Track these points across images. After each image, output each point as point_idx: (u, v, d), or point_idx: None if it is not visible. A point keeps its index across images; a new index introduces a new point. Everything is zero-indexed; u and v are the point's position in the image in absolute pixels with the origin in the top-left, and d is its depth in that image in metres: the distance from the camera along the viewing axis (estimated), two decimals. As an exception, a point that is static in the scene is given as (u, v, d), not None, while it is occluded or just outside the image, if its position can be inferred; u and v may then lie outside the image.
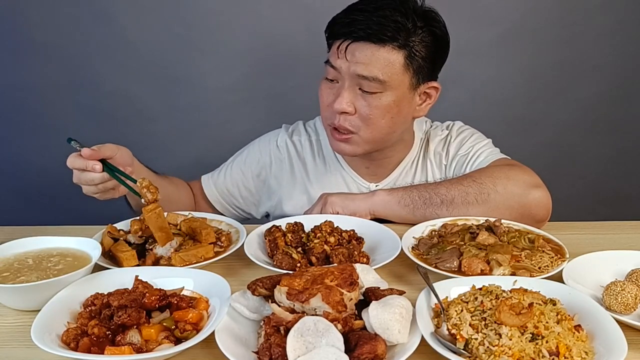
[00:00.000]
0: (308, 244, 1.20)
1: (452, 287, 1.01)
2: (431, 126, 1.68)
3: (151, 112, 2.63)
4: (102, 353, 0.83)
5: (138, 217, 1.30)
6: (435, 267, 1.12)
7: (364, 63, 1.34)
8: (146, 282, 1.01)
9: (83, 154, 1.19)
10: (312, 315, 0.85)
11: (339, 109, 1.39)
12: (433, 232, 1.32)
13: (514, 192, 1.37)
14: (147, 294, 0.93)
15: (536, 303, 0.90)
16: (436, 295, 0.97)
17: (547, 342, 0.83)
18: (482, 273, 1.09)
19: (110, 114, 2.61)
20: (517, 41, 2.60)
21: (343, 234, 1.24)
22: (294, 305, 0.88)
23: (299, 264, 1.13)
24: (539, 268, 1.11)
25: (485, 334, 0.85)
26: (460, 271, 1.11)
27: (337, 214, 1.40)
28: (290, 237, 1.22)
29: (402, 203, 1.41)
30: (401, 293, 0.94)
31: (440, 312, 0.93)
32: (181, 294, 0.99)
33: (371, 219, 1.41)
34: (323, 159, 1.64)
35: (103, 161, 1.22)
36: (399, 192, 1.43)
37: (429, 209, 1.39)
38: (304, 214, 1.48)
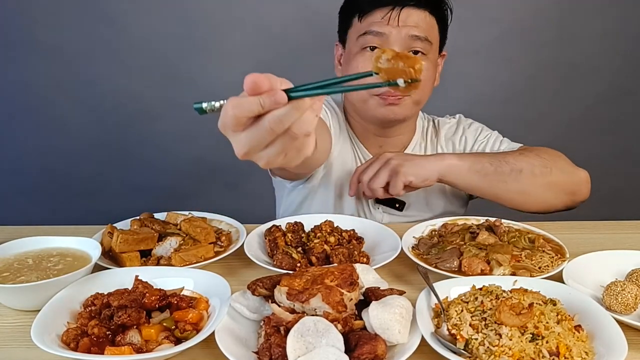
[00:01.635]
0: (308, 243, 1.20)
1: (452, 287, 1.01)
2: (432, 119, 1.72)
3: (153, 110, 2.63)
4: (102, 353, 0.83)
5: (138, 217, 1.30)
6: (436, 267, 1.12)
7: (415, 26, 1.42)
8: (146, 282, 1.01)
9: (250, 84, 0.66)
10: (312, 315, 0.85)
11: None
12: (433, 232, 1.32)
13: (567, 169, 1.45)
14: (147, 294, 0.93)
15: (536, 303, 0.90)
16: (436, 295, 0.97)
17: (547, 342, 0.83)
18: (482, 273, 1.09)
19: (112, 112, 2.62)
20: (517, 41, 2.61)
21: (343, 233, 1.24)
22: (294, 306, 0.88)
23: (299, 264, 1.13)
24: (539, 268, 1.11)
25: (485, 334, 0.85)
26: (460, 271, 1.11)
27: (410, 183, 1.35)
28: (290, 237, 1.22)
29: (473, 169, 1.38)
30: (401, 293, 0.94)
31: (441, 312, 0.93)
32: (181, 294, 0.99)
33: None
34: (344, 128, 1.64)
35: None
36: (470, 157, 1.41)
37: (498, 177, 1.38)
38: (356, 172, 1.43)
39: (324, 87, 0.68)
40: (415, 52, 1.44)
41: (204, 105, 0.71)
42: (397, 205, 1.56)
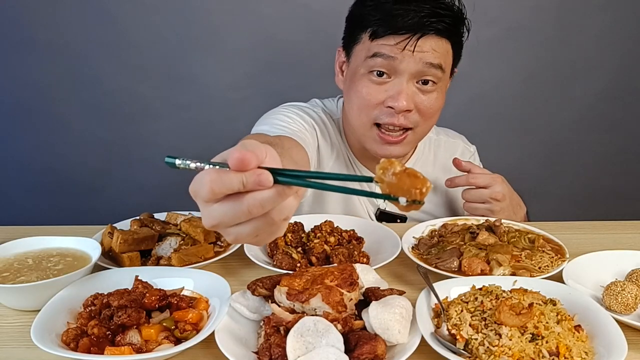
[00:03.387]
0: (308, 243, 1.20)
1: (452, 287, 1.01)
2: (439, 133, 1.70)
3: (154, 110, 2.64)
4: (102, 353, 0.83)
5: (138, 217, 1.30)
6: (435, 267, 1.12)
7: (430, 52, 1.33)
8: (146, 282, 1.01)
9: (236, 161, 0.59)
10: (312, 315, 0.85)
11: (401, 107, 1.33)
12: (433, 232, 1.32)
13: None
14: (147, 294, 0.93)
15: (536, 303, 0.90)
16: (436, 295, 0.97)
17: (547, 342, 0.83)
18: (482, 273, 1.09)
19: (114, 111, 2.63)
20: (516, 41, 2.61)
21: (343, 233, 1.24)
22: (294, 306, 0.88)
23: (299, 264, 1.13)
24: (539, 268, 1.11)
25: (485, 334, 0.85)
26: (460, 271, 1.11)
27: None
28: (290, 237, 1.22)
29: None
30: (401, 293, 0.94)
31: (440, 312, 0.93)
32: (181, 294, 0.99)
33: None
34: (338, 147, 1.58)
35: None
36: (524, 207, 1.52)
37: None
38: (471, 176, 1.41)
39: (315, 178, 0.62)
40: (425, 82, 1.35)
41: (177, 162, 0.65)
42: (398, 220, 1.57)
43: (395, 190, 0.61)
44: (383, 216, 1.57)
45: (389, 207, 1.59)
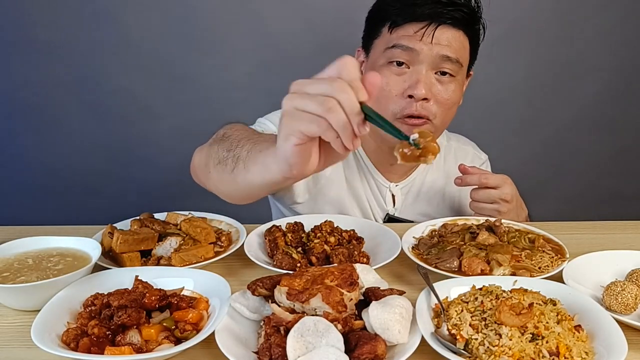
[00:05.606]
0: (308, 244, 1.20)
1: (452, 287, 1.01)
2: (451, 139, 1.71)
3: (155, 109, 2.64)
4: (102, 353, 0.83)
5: (138, 217, 1.30)
6: (435, 267, 1.12)
7: (447, 45, 1.35)
8: (146, 282, 1.01)
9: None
10: (312, 315, 0.85)
11: (420, 95, 1.34)
12: (433, 232, 1.32)
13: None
14: (147, 294, 0.93)
15: (536, 303, 0.90)
16: (436, 295, 0.97)
17: (547, 342, 0.83)
18: (482, 273, 1.09)
19: (114, 111, 2.63)
20: (517, 41, 2.61)
21: (343, 233, 1.24)
22: (294, 306, 0.88)
23: (299, 264, 1.13)
24: (539, 268, 1.11)
25: (485, 334, 0.85)
26: (460, 271, 1.11)
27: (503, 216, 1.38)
28: (290, 237, 1.22)
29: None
30: (401, 293, 0.94)
31: (440, 312, 0.93)
32: (181, 294, 0.99)
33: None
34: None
35: None
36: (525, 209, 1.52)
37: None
38: (482, 177, 1.40)
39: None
40: (443, 74, 1.38)
41: None
42: None
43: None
44: (391, 221, 1.59)
45: (398, 212, 1.61)
